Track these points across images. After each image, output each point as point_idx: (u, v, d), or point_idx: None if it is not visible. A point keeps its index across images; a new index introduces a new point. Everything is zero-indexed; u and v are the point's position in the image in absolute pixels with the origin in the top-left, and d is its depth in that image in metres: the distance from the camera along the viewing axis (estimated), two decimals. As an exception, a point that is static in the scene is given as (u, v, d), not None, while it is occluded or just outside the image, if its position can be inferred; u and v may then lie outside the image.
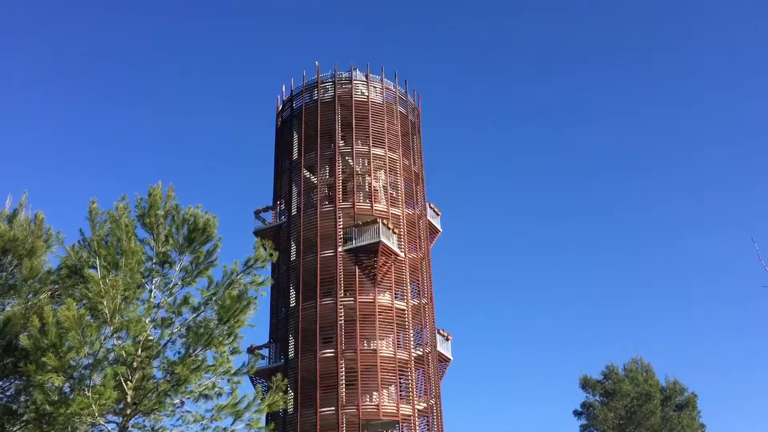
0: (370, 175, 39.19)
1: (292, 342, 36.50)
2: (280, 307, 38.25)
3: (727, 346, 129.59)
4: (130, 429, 13.62)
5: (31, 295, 15.00)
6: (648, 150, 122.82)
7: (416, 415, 35.27)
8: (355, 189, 38.66)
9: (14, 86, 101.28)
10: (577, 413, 44.28)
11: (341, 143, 39.60)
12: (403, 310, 37.14)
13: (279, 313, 38.16)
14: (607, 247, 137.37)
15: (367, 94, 40.60)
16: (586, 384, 44.39)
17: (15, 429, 14.25)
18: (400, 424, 34.56)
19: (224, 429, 14.29)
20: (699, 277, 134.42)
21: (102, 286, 13.06)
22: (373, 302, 36.18)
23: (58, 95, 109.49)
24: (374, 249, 36.16)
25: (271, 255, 15.52)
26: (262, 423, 14.84)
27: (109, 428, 13.52)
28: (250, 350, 35.22)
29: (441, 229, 42.51)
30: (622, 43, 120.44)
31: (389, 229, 37.21)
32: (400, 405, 34.97)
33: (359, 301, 36.00)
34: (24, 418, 14.08)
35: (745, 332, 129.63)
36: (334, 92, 40.39)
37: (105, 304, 12.94)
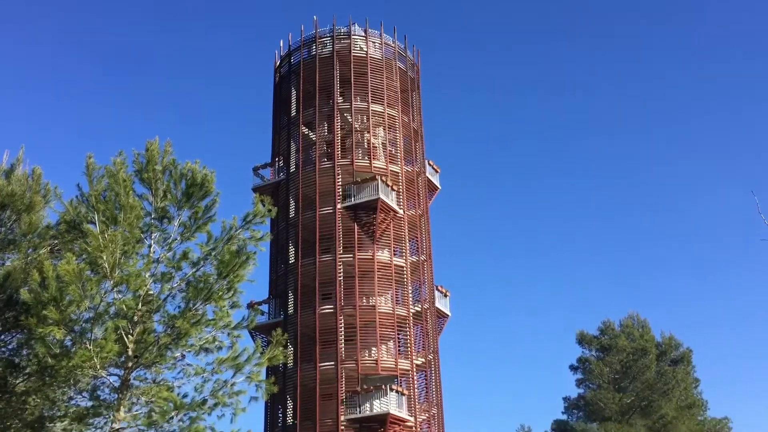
0: (368, 132, 38.99)
1: (291, 298, 36.78)
2: (279, 263, 38.43)
3: (724, 302, 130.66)
4: (131, 381, 13.78)
5: (30, 250, 15.04)
6: (647, 111, 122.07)
7: (414, 369, 35.73)
8: (353, 146, 38.51)
9: (10, 41, 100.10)
10: (573, 368, 44.91)
11: (340, 99, 39.32)
12: (402, 266, 37.32)
13: (278, 270, 38.36)
14: (607, 206, 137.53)
15: (365, 49, 40.15)
16: (582, 339, 44.92)
17: (18, 382, 14.44)
18: (399, 378, 35.02)
19: (225, 382, 14.44)
20: (697, 235, 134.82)
21: (101, 240, 13.08)
22: (372, 259, 36.34)
23: (55, 51, 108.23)
24: (373, 206, 36.19)
25: (269, 211, 15.52)
26: (263, 376, 15.01)
27: (111, 381, 13.69)
28: (250, 306, 35.53)
29: (440, 187, 42.49)
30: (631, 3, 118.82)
31: (388, 186, 37.18)
32: (399, 360, 35.39)
33: (358, 258, 36.16)
34: (26, 371, 14.25)
35: (743, 288, 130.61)
36: (333, 47, 39.94)
37: (104, 258, 12.98)
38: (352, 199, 36.81)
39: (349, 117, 39.11)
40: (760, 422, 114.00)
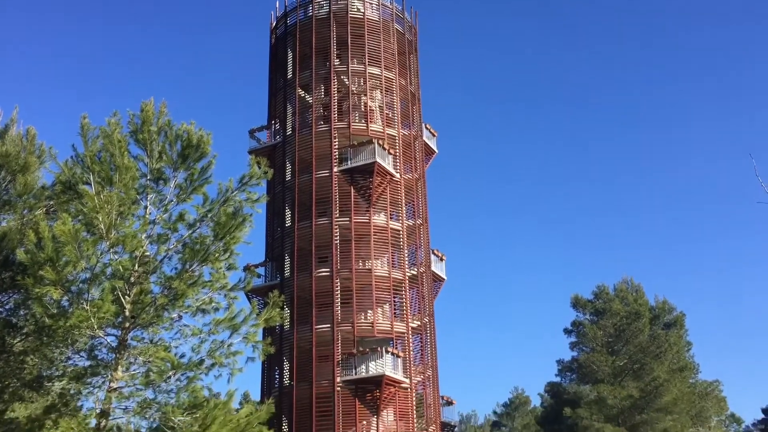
0: (365, 95, 38.70)
1: (287, 261, 36.87)
2: (275, 226, 38.45)
3: (718, 266, 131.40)
4: (129, 342, 13.88)
5: (26, 211, 15.02)
6: (644, 72, 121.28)
7: (410, 332, 36.01)
8: (350, 109, 38.25)
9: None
10: (567, 331, 45.33)
11: (337, 62, 38.93)
12: (398, 230, 37.38)
13: (275, 233, 38.39)
14: (604, 171, 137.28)
15: (363, 11, 39.64)
16: (577, 303, 45.25)
17: (15, 342, 14.54)
18: (394, 341, 35.31)
19: (222, 342, 14.55)
20: (695, 200, 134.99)
21: (97, 201, 13.06)
22: (369, 222, 36.37)
23: (49, 7, 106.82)
24: (369, 169, 36.08)
25: (265, 172, 15.49)
26: (259, 337, 15.11)
27: (109, 341, 13.78)
28: (247, 268, 35.61)
29: (437, 150, 42.34)
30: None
31: (385, 149, 37.04)
32: (394, 323, 35.64)
33: (354, 222, 36.18)
34: (24, 331, 14.34)
35: (737, 252, 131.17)
36: (330, 8, 39.42)
37: (100, 219, 12.97)
38: (349, 162, 36.68)
39: (346, 79, 38.78)
40: (750, 385, 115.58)
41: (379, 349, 33.91)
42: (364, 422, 33.53)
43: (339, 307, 34.90)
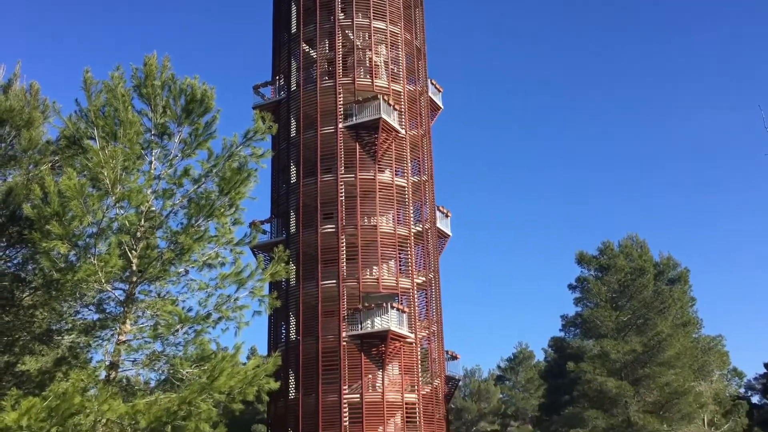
0: (370, 50, 38.29)
1: (293, 217, 36.97)
2: (280, 183, 38.45)
3: (723, 222, 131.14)
4: (136, 295, 14.01)
5: (31, 166, 15.04)
6: (654, 25, 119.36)
7: (415, 288, 36.25)
8: (355, 64, 37.88)
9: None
10: (571, 287, 45.49)
11: (341, 16, 38.41)
12: (404, 186, 37.35)
13: (280, 190, 38.42)
14: (608, 126, 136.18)
15: (367, -37, 38.96)
16: (582, 259, 45.33)
17: (24, 296, 14.70)
18: (399, 296, 35.58)
19: (228, 296, 14.67)
20: (702, 155, 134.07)
21: (101, 156, 13.05)
22: (374, 179, 36.33)
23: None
24: (374, 125, 35.91)
25: (270, 127, 15.41)
26: (265, 291, 15.21)
27: (116, 295, 13.92)
28: (252, 225, 35.74)
29: (442, 106, 42.02)
30: None
31: (390, 105, 36.79)
32: (400, 279, 35.87)
33: (359, 178, 36.15)
34: (32, 285, 14.48)
35: (742, 207, 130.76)
36: (333, -39, 38.77)
37: (105, 174, 12.98)
38: (354, 118, 36.49)
39: (350, 34, 38.32)
40: (753, 340, 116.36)
41: (384, 304, 34.21)
42: (370, 376, 34.00)
43: (344, 264, 35.09)
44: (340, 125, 36.58)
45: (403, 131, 37.56)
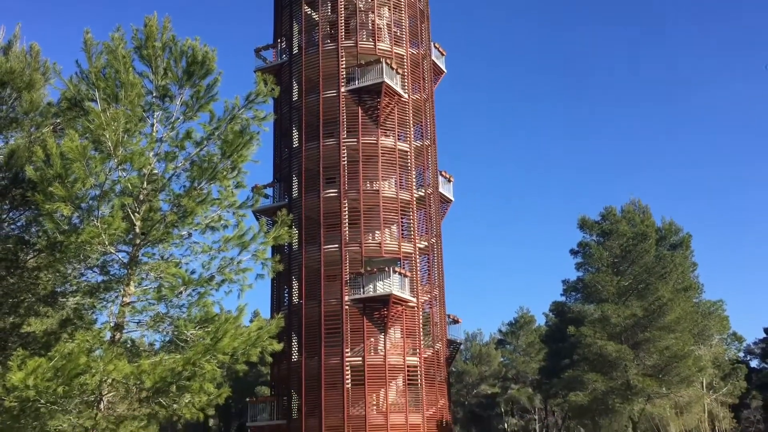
0: (373, 12, 37.86)
1: (295, 182, 36.96)
2: (282, 147, 38.36)
3: (725, 190, 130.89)
4: (140, 258, 14.07)
5: (33, 129, 14.99)
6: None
7: (417, 253, 36.38)
8: (357, 27, 37.49)
9: None
10: (573, 252, 45.61)
11: (343, -23, 37.92)
12: (406, 151, 37.25)
13: (282, 154, 38.34)
14: (612, 93, 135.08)
15: (370, -77, 38.33)
16: (584, 225, 45.35)
17: (28, 258, 14.78)
18: (402, 261, 35.72)
19: (231, 259, 14.71)
20: (700, 122, 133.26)
21: (103, 118, 12.99)
22: (376, 143, 36.23)
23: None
24: (377, 89, 35.67)
25: (272, 90, 15.30)
26: (268, 255, 15.26)
27: (120, 257, 13.98)
28: (255, 189, 35.73)
29: (445, 70, 41.68)
30: None
31: (393, 69, 36.50)
32: (402, 243, 35.98)
33: (362, 142, 36.04)
34: (36, 247, 14.54)
35: (744, 177, 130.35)
36: None
37: (107, 136, 12.93)
38: (356, 82, 36.24)
39: (352, -4, 37.87)
40: (754, 305, 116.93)
41: (386, 268, 34.37)
42: (372, 339, 34.32)
43: (347, 228, 35.17)
44: (343, 89, 36.34)
45: (405, 95, 37.33)
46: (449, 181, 40.68)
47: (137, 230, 13.79)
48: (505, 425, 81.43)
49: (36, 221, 14.50)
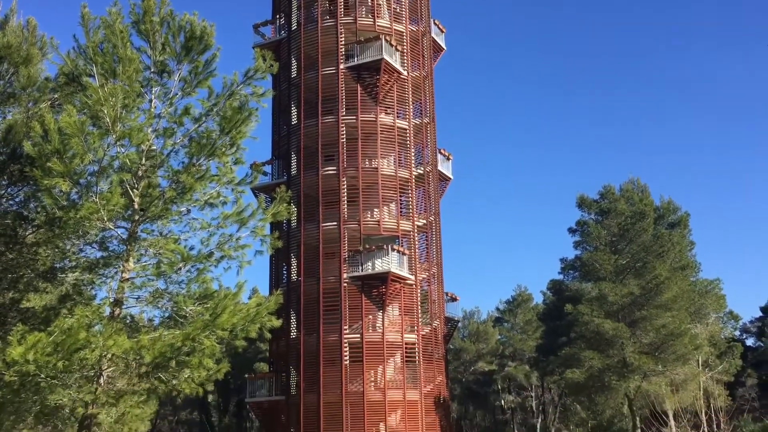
0: (372, -12, 37.56)
1: (294, 159, 36.89)
2: (281, 124, 38.24)
3: (724, 168, 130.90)
4: (139, 234, 14.07)
5: (31, 104, 14.92)
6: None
7: (415, 230, 36.42)
8: (357, 3, 37.19)
9: None
10: (571, 230, 45.62)
11: (342, -48, 37.56)
12: (405, 129, 37.15)
13: (281, 131, 38.23)
14: (612, 72, 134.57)
15: None
16: (582, 203, 45.33)
17: (27, 233, 14.79)
18: (400, 239, 35.77)
19: (230, 236, 14.73)
20: (705, 100, 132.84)
21: (101, 94, 12.93)
22: (375, 121, 36.11)
23: None
24: (376, 66, 35.47)
25: (271, 66, 15.23)
26: (267, 231, 15.27)
27: (119, 233, 13.98)
28: (253, 166, 35.68)
29: (445, 47, 41.43)
30: None
31: (392, 46, 36.27)
32: (400, 221, 36.00)
33: (361, 120, 35.92)
34: (35, 223, 14.54)
35: (743, 154, 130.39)
36: None
37: (105, 112, 12.88)
38: (355, 59, 36.03)
39: (352, -28, 37.53)
40: (751, 284, 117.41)
41: (385, 246, 34.42)
42: (370, 317, 34.46)
43: (345, 206, 35.17)
44: (342, 66, 36.14)
45: (405, 72, 37.14)
46: (448, 159, 40.61)
47: (136, 206, 13.79)
48: (502, 402, 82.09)
49: (35, 197, 14.49)
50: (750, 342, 75.44)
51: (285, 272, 36.48)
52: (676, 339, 39.25)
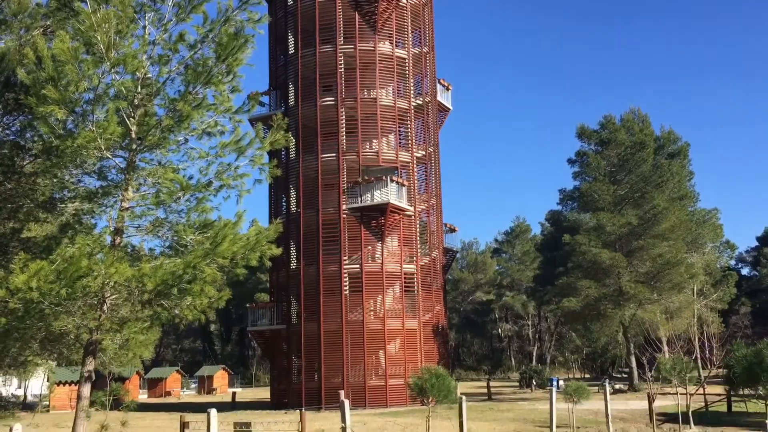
0: None
1: (291, 90, 36.49)
2: (278, 54, 37.67)
3: (725, 98, 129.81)
4: (137, 163, 13.97)
5: (23, 31, 14.60)
6: None
7: (414, 162, 36.34)
8: (354, -73, 36.09)
9: None
10: (570, 161, 45.59)
11: None
12: (404, 58, 36.62)
13: (278, 61, 37.69)
14: (611, 4, 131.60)
15: None
16: (582, 133, 45.13)
17: (25, 163, 14.71)
18: (399, 170, 35.72)
19: (229, 165, 14.62)
20: (702, 32, 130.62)
21: (93, 19, 12.62)
22: (374, 50, 35.57)
23: None
24: (374, -7, 34.71)
25: (266, -9, 14.87)
26: (265, 160, 15.18)
27: (117, 162, 13.89)
28: (251, 96, 35.30)
29: (444, -27, 40.40)
30: None
31: (390, -29, 35.39)
32: (399, 152, 35.88)
33: (359, 49, 35.38)
34: (32, 153, 14.45)
35: (745, 85, 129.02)
36: None
37: (99, 38, 12.59)
38: (353, -15, 35.21)
39: None
40: (748, 214, 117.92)
41: (383, 177, 34.42)
42: (369, 247, 34.73)
43: (344, 137, 35.00)
44: (339, -8, 35.35)
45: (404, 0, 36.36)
46: (447, 89, 40.18)
47: (133, 135, 13.64)
48: (499, 330, 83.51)
49: (31, 126, 14.33)
50: (745, 271, 76.32)
51: (284, 204, 36.58)
52: (672, 268, 39.73)
